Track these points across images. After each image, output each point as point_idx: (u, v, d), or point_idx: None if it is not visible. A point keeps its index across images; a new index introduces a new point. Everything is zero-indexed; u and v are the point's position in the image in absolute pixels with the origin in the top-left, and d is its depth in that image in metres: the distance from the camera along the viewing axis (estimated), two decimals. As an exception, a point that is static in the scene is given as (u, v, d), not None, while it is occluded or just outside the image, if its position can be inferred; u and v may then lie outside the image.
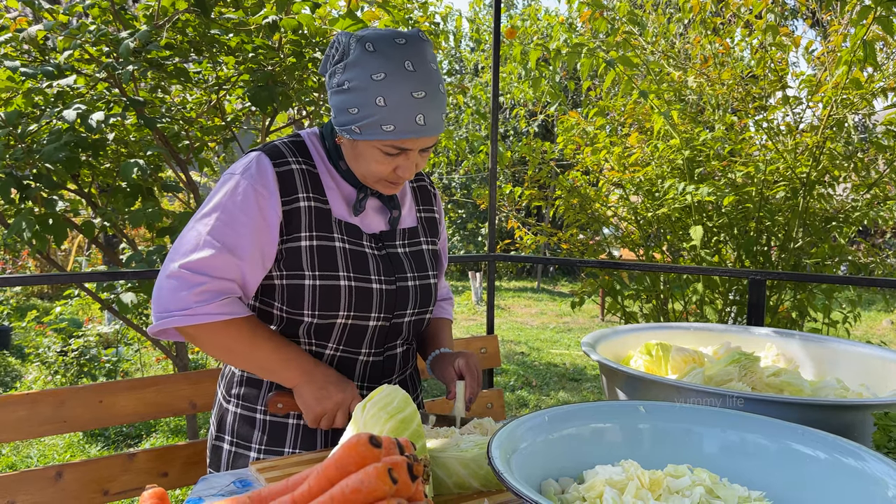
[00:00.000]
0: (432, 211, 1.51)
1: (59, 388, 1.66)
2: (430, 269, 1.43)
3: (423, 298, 1.40)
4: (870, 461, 0.90)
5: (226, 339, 1.24)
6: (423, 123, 1.20)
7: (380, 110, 1.18)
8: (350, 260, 1.28)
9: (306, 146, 1.33)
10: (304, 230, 1.26)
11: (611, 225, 4.25)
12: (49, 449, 4.22)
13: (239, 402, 1.37)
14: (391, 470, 0.54)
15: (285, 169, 1.27)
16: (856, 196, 3.71)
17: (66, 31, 2.47)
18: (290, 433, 1.34)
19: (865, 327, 9.30)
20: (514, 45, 3.97)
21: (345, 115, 1.22)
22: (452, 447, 1.10)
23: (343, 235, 1.29)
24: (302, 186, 1.27)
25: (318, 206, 1.28)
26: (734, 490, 0.93)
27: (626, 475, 0.92)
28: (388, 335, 1.37)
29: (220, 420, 1.40)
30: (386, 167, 1.25)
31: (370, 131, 1.20)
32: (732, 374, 1.40)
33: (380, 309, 1.32)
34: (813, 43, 3.78)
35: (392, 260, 1.35)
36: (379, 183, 1.30)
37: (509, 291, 12.68)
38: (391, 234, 1.38)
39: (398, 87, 1.18)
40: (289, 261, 1.27)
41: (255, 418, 1.35)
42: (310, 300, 1.27)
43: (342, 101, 1.22)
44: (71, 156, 2.46)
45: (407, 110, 1.18)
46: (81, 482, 1.61)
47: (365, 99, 1.18)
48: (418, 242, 1.43)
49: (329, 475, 0.56)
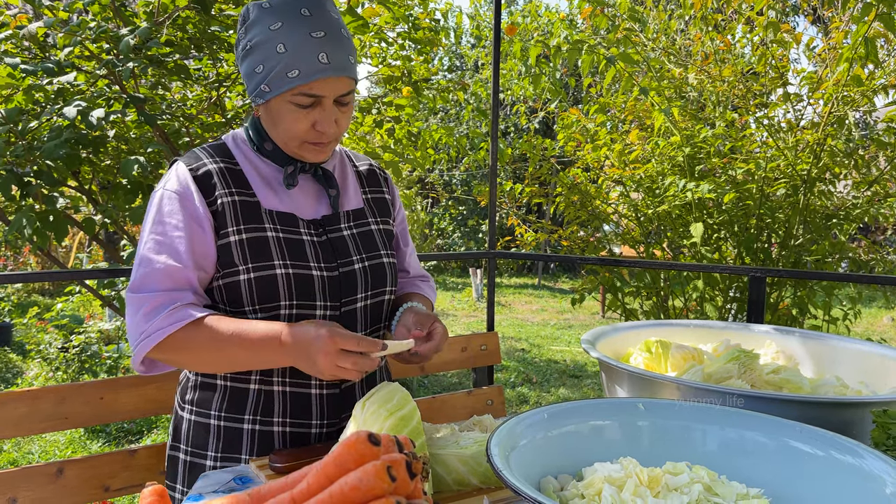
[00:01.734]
0: (382, 192, 1.46)
1: (59, 385, 1.66)
2: (382, 248, 1.37)
3: (376, 279, 1.33)
4: (868, 458, 0.90)
5: (191, 348, 1.18)
6: (326, 62, 1.17)
7: (282, 57, 1.16)
8: (285, 248, 1.23)
9: (227, 147, 1.31)
10: (230, 225, 1.22)
11: (611, 222, 4.25)
12: (50, 445, 4.23)
13: (193, 408, 1.31)
14: (390, 468, 0.54)
15: (203, 171, 1.24)
16: (856, 193, 3.70)
17: (67, 28, 2.47)
18: (246, 439, 1.26)
19: (866, 324, 9.30)
20: (514, 42, 3.96)
21: (253, 77, 1.20)
22: (452, 444, 1.10)
23: (276, 225, 1.25)
24: (221, 183, 1.24)
25: (243, 200, 1.24)
26: (732, 487, 0.93)
27: (625, 472, 0.93)
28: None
29: (176, 428, 1.35)
30: (303, 123, 1.21)
31: (277, 83, 1.17)
32: (732, 371, 1.40)
33: (324, 297, 1.25)
34: (814, 40, 3.77)
35: (334, 244, 1.30)
36: (303, 147, 1.25)
37: (510, 288, 12.69)
38: (334, 218, 1.32)
39: (296, 30, 1.16)
40: (222, 259, 1.23)
41: (209, 424, 1.29)
42: (248, 294, 1.22)
43: (249, 65, 1.21)
44: (71, 153, 2.46)
45: (308, 50, 1.16)
46: (82, 478, 1.61)
47: (267, 52, 1.17)
48: (366, 223, 1.37)
49: (328, 473, 0.56)
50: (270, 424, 1.26)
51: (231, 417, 1.27)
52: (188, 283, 1.21)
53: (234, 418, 1.27)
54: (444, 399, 2.20)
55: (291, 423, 1.27)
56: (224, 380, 1.29)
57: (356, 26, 2.92)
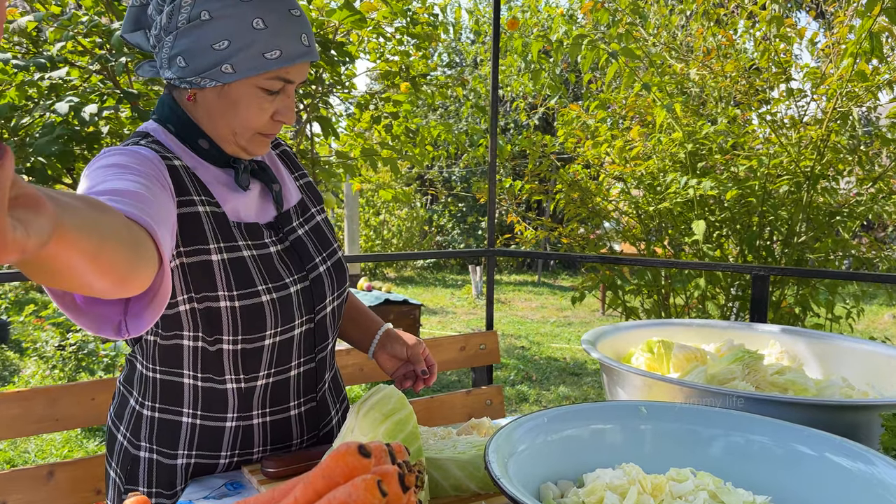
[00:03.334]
0: (305, 175, 1.30)
1: (51, 386, 1.64)
2: (334, 241, 1.23)
3: (339, 279, 1.21)
4: (879, 465, 0.87)
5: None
6: (307, 44, 1.04)
7: (260, 34, 0.99)
8: (263, 269, 1.07)
9: (164, 144, 1.07)
10: (211, 242, 1.03)
11: (612, 219, 4.22)
12: (46, 444, 4.21)
13: (126, 433, 1.14)
14: (380, 482, 0.51)
15: (170, 165, 1.02)
16: (860, 190, 3.67)
17: (58, 23, 2.43)
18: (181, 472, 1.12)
19: (867, 321, 9.28)
20: (513, 38, 3.93)
21: (207, 54, 0.99)
22: (449, 448, 1.08)
23: (246, 241, 1.07)
24: (193, 188, 1.04)
25: (213, 211, 1.05)
26: (738, 495, 0.90)
27: (628, 479, 0.90)
28: (315, 337, 1.18)
29: (110, 448, 1.18)
30: (265, 112, 1.04)
31: (250, 63, 0.99)
32: (735, 372, 1.37)
33: (301, 313, 1.12)
34: (817, 35, 3.74)
35: (297, 250, 1.15)
36: (253, 140, 1.07)
37: (510, 285, 12.67)
38: (286, 218, 1.16)
39: (274, 4, 1.00)
40: (198, 281, 1.02)
41: (139, 456, 1.13)
42: (230, 325, 1.04)
43: (202, 38, 0.99)
44: (64, 149, 2.42)
45: (290, 30, 1.01)
46: (73, 481, 1.59)
47: (237, 25, 0.98)
48: (312, 216, 1.22)
49: (316, 487, 0.53)
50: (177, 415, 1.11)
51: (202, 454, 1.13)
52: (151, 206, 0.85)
53: (165, 452, 1.12)
54: (442, 399, 2.17)
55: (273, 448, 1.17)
56: (193, 417, 1.11)
57: (354, 21, 2.89)
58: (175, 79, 1.04)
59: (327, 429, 1.27)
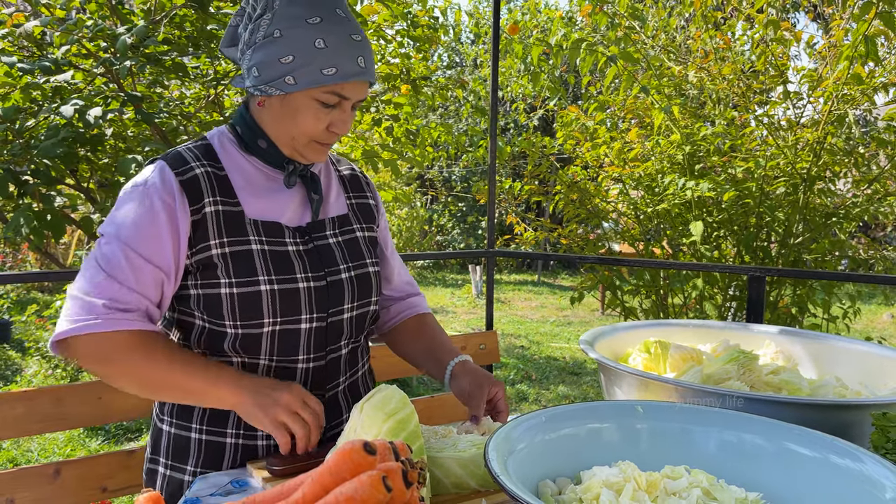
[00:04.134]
0: (366, 197, 1.41)
1: (57, 385, 1.66)
2: (368, 257, 1.33)
3: (362, 290, 1.30)
4: (868, 463, 0.90)
5: (139, 357, 1.11)
6: (363, 66, 1.17)
7: (320, 53, 1.13)
8: (270, 261, 1.18)
9: (213, 148, 1.24)
10: (213, 237, 1.16)
11: (610, 220, 4.24)
12: (50, 443, 4.23)
13: (173, 420, 1.26)
14: (385, 478, 0.54)
15: (189, 175, 1.17)
16: (856, 191, 3.70)
17: (63, 27, 2.46)
18: (228, 453, 1.22)
19: (866, 321, 9.31)
20: (514, 42, 3.95)
21: (275, 67, 1.14)
22: (450, 447, 1.10)
23: (260, 237, 1.19)
24: (208, 191, 1.18)
25: (227, 210, 1.19)
26: (731, 492, 0.92)
27: (623, 477, 0.92)
28: (327, 336, 1.25)
29: (156, 440, 1.29)
30: (321, 122, 1.18)
31: (309, 77, 1.13)
32: (731, 372, 1.40)
33: (310, 309, 1.21)
34: (814, 38, 3.76)
35: (321, 253, 1.25)
36: (309, 146, 1.21)
37: (509, 285, 12.69)
38: (319, 225, 1.28)
39: (336, 28, 1.14)
40: (203, 272, 1.17)
41: (189, 437, 1.24)
42: (229, 310, 1.16)
43: (272, 53, 1.14)
44: (69, 151, 2.45)
45: (348, 52, 1.14)
46: (80, 479, 1.61)
47: (302, 43, 1.13)
48: (351, 230, 1.33)
49: (323, 482, 0.56)
50: (254, 438, 1.22)
51: (212, 430, 1.22)
52: (155, 292, 1.15)
53: (217, 431, 1.22)
54: (443, 398, 2.19)
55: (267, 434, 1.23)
56: None
57: (355, 24, 2.91)
58: (251, 87, 1.20)
59: (337, 430, 1.30)
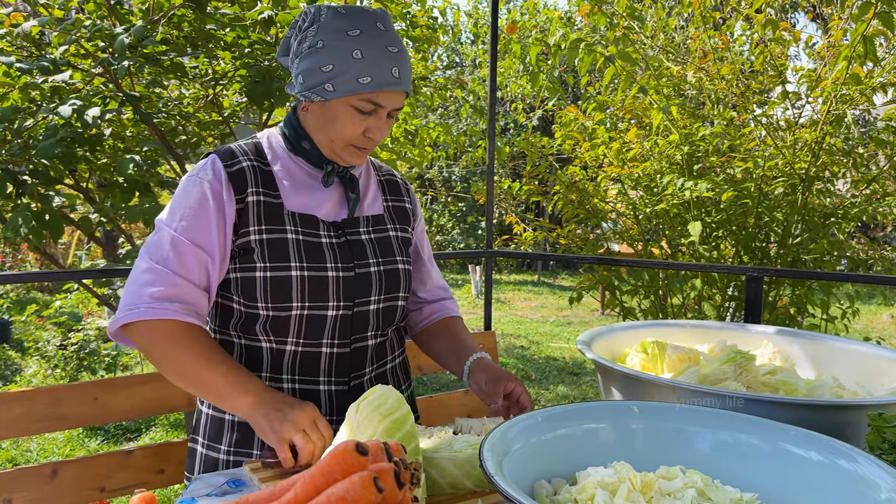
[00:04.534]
0: (402, 201, 1.51)
1: (55, 386, 1.66)
2: (399, 255, 1.42)
3: (390, 284, 1.38)
4: (863, 463, 0.90)
5: (179, 343, 1.21)
6: (398, 76, 1.25)
7: (357, 63, 1.22)
8: (303, 250, 1.29)
9: (261, 146, 1.37)
10: (252, 224, 1.28)
11: (609, 220, 4.24)
12: (49, 443, 4.23)
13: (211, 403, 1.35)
14: (377, 478, 0.54)
15: (236, 168, 1.30)
16: (855, 192, 3.70)
17: (62, 27, 2.46)
18: (258, 437, 1.28)
19: (865, 321, 9.31)
20: (513, 42, 3.95)
21: (317, 75, 1.25)
22: (446, 447, 1.10)
23: (296, 227, 1.30)
24: (252, 182, 1.30)
25: (267, 201, 1.30)
26: (726, 492, 0.93)
27: (618, 477, 0.92)
28: (352, 325, 1.34)
29: (196, 421, 1.40)
30: (357, 128, 1.27)
31: (346, 86, 1.23)
32: (728, 372, 1.40)
33: (337, 297, 1.31)
34: (812, 38, 3.76)
35: (352, 246, 1.35)
36: (346, 150, 1.31)
37: (509, 284, 12.69)
38: (354, 222, 1.38)
39: (373, 41, 1.23)
40: (242, 256, 1.30)
41: (223, 418, 1.34)
42: (262, 292, 1.27)
43: (315, 62, 1.24)
44: (67, 151, 2.45)
45: (383, 63, 1.23)
46: (77, 479, 1.61)
47: (341, 54, 1.22)
48: (385, 229, 1.43)
49: (316, 483, 0.56)
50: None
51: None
52: (205, 277, 1.27)
53: None
54: (441, 398, 2.20)
55: None
56: None
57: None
58: (297, 93, 1.31)
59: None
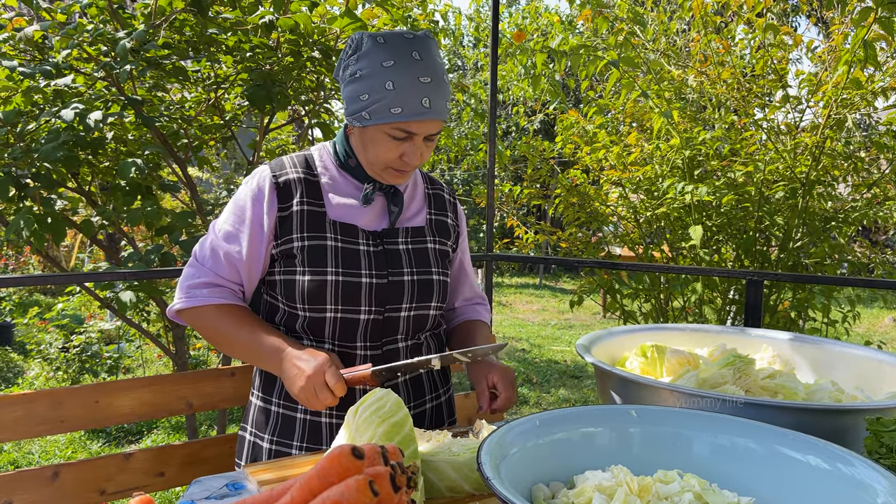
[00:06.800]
0: (445, 216, 1.56)
1: (55, 389, 1.66)
2: (435, 266, 1.46)
3: (422, 293, 1.43)
4: (860, 467, 0.90)
5: (216, 322, 1.36)
6: (428, 106, 1.29)
7: (388, 94, 1.27)
8: (340, 257, 1.36)
9: (311, 159, 1.45)
10: (295, 231, 1.36)
11: (610, 223, 4.24)
12: (50, 445, 4.24)
13: (259, 393, 1.46)
14: (372, 482, 0.54)
15: (284, 179, 1.39)
16: (856, 195, 3.69)
17: (64, 31, 2.47)
18: (298, 427, 1.39)
19: (867, 325, 9.29)
20: (516, 49, 3.95)
21: (356, 102, 1.31)
22: (444, 451, 1.10)
23: (336, 235, 1.37)
24: (298, 193, 1.38)
25: (311, 210, 1.38)
26: (723, 496, 0.93)
27: (616, 481, 0.93)
28: (383, 329, 1.40)
29: (246, 410, 1.50)
30: (393, 153, 1.33)
31: (379, 115, 1.29)
32: (726, 376, 1.40)
33: (370, 302, 1.37)
34: (813, 42, 3.76)
35: (388, 255, 1.41)
36: (386, 171, 1.37)
37: (511, 288, 12.69)
38: (393, 232, 1.44)
39: (406, 72, 1.27)
40: (285, 260, 1.38)
41: (269, 409, 1.42)
42: (300, 294, 1.36)
43: (354, 90, 1.31)
44: (69, 154, 2.46)
45: (414, 93, 1.27)
46: (78, 482, 1.62)
47: (375, 84, 1.27)
48: (423, 241, 1.47)
49: (311, 486, 0.56)
50: (319, 415, 1.38)
51: (287, 405, 1.40)
52: (242, 274, 1.39)
53: (290, 406, 1.40)
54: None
55: (338, 414, 1.38)
56: None
57: (355, 28, 2.92)
58: (345, 116, 1.38)
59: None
